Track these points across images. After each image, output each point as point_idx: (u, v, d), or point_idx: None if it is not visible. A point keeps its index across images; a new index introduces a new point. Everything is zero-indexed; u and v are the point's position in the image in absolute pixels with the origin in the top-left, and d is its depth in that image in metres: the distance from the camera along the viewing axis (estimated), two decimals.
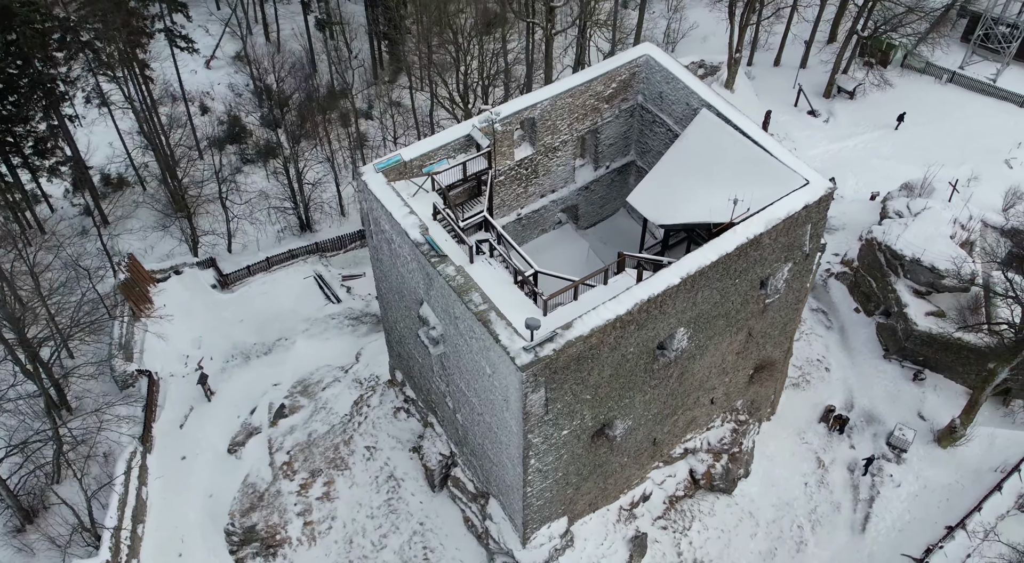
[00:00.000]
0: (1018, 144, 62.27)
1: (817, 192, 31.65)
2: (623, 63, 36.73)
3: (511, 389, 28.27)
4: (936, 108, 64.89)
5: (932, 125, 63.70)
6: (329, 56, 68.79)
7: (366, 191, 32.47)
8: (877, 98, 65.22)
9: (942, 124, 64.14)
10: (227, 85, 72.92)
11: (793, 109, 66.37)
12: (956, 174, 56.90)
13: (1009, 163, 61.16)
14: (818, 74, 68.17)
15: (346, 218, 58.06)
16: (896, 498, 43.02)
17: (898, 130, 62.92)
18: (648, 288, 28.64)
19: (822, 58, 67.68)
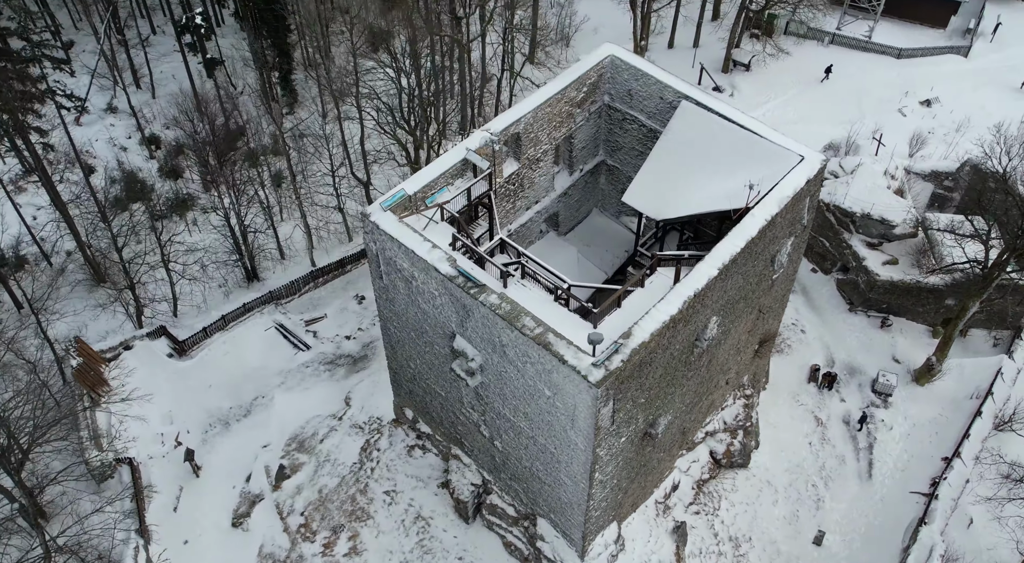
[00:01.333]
0: (905, 93, 66.73)
1: (815, 166, 32.92)
2: (591, 66, 36.92)
3: (579, 407, 28.00)
4: (821, 67, 68.54)
5: (825, 86, 67.41)
6: (220, 95, 65.99)
7: (376, 232, 31.33)
8: (772, 67, 68.26)
9: (833, 85, 67.97)
10: (106, 140, 68.54)
11: (698, 88, 68.51)
12: (860, 129, 60.62)
13: (902, 111, 65.46)
14: (712, 51, 70.71)
15: (289, 261, 55.81)
16: (891, 441, 45.42)
17: (824, 82, 66.42)
18: (692, 284, 29.00)
19: (719, 36, 70.18)
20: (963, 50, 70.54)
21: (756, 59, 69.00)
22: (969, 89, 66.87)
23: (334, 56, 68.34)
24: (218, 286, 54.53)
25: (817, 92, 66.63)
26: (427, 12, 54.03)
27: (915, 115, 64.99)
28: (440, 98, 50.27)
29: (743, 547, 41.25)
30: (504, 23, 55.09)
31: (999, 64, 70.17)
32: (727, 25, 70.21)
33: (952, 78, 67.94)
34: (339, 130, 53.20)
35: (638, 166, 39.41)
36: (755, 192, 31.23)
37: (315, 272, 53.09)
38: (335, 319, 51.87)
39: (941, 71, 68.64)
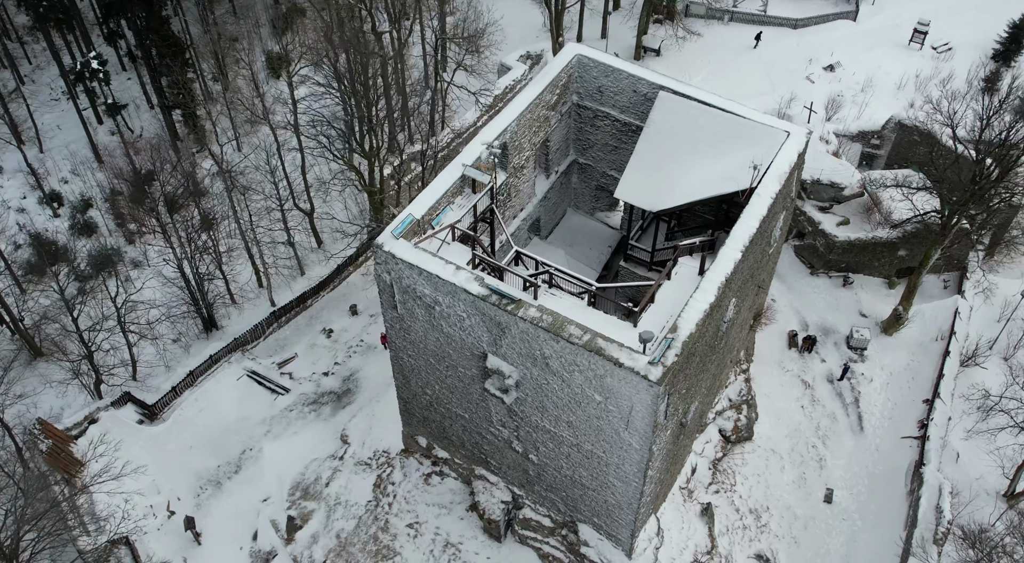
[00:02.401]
0: (809, 61, 69.77)
1: (801, 139, 33.94)
2: (562, 67, 36.88)
3: (637, 407, 27.96)
4: (730, 45, 70.93)
5: (733, 62, 69.56)
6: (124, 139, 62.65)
7: (391, 261, 30.34)
8: (683, 50, 69.93)
9: (739, 59, 70.25)
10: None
11: (671, 77, 69.48)
12: (774, 99, 63.08)
13: (810, 78, 68.43)
14: (620, 41, 71.91)
15: (243, 304, 53.46)
16: (874, 392, 47.44)
17: (756, 48, 69.08)
18: (722, 269, 29.40)
19: (630, 25, 71.40)
20: (851, 15, 74.30)
21: (665, 43, 70.61)
22: (864, 50, 70.52)
23: (239, 86, 65.85)
24: (172, 341, 51.71)
25: (729, 69, 68.65)
26: (352, 30, 52.66)
27: (822, 81, 68.05)
28: (389, 115, 49.10)
29: (763, 517, 42.22)
30: (433, 34, 54.42)
31: (884, 24, 74.31)
32: (633, 14, 71.52)
33: (847, 42, 71.45)
34: (279, 162, 51.15)
35: (612, 161, 39.84)
36: (757, 172, 31.88)
37: (277, 312, 51.02)
38: (307, 357, 50.05)
39: (836, 37, 72.07)
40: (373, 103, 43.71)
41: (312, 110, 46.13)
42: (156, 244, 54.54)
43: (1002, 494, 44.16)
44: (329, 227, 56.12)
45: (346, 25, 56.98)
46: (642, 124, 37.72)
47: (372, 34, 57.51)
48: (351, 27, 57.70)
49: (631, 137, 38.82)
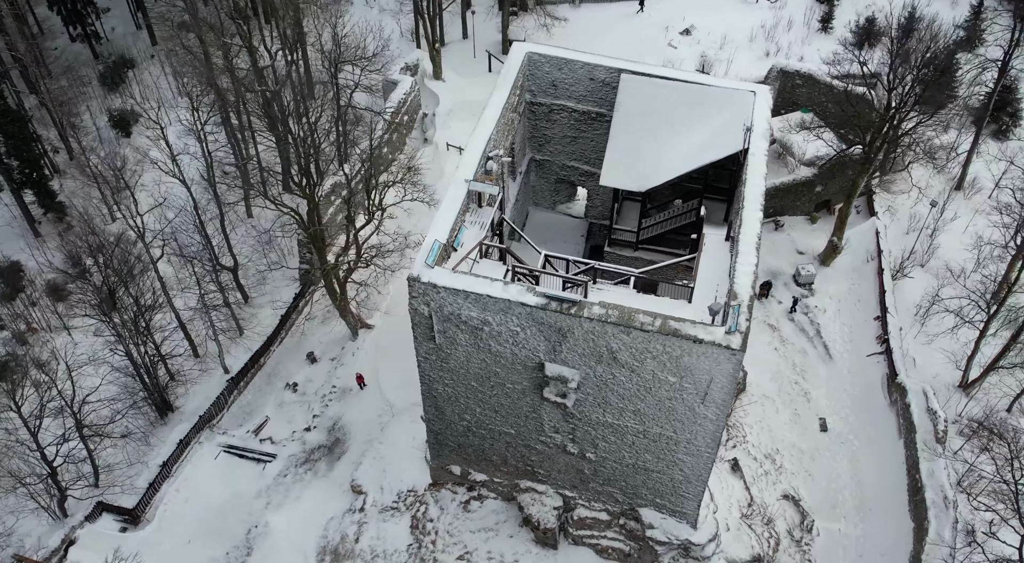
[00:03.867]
0: (666, 28, 72.80)
1: (769, 97, 35.56)
2: (518, 69, 36.70)
3: (717, 378, 28.52)
4: (589, 25, 72.66)
5: (599, 41, 71.26)
6: None
7: (431, 292, 29.23)
8: (549, 36, 70.88)
9: (604, 38, 72.13)
10: None
11: (490, 74, 69.83)
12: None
13: (672, 44, 71.43)
14: (484, 38, 72.06)
15: (187, 379, 49.66)
16: (829, 321, 50.64)
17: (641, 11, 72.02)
18: (752, 230, 30.38)
19: (494, 23, 71.64)
20: None
21: (530, 34, 71.44)
22: (712, 11, 74.25)
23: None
24: (121, 437, 47.22)
25: (597, 48, 70.08)
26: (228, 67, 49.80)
27: (683, 45, 71.20)
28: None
29: (777, 460, 44.19)
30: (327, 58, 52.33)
31: None
32: (494, 11, 71.95)
33: (694, 5, 74.97)
34: (198, 221, 47.72)
35: (572, 152, 40.22)
36: (749, 132, 33.15)
37: (235, 377, 47.77)
38: (280, 417, 47.26)
39: (684, 3, 75.44)
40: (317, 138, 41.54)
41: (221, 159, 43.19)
42: (79, 336, 49.67)
43: (957, 385, 48.46)
44: (256, 280, 53.16)
45: (216, 61, 53.93)
46: (602, 110, 38.34)
47: (253, 70, 54.73)
48: (226, 65, 54.74)
49: (590, 125, 39.29)
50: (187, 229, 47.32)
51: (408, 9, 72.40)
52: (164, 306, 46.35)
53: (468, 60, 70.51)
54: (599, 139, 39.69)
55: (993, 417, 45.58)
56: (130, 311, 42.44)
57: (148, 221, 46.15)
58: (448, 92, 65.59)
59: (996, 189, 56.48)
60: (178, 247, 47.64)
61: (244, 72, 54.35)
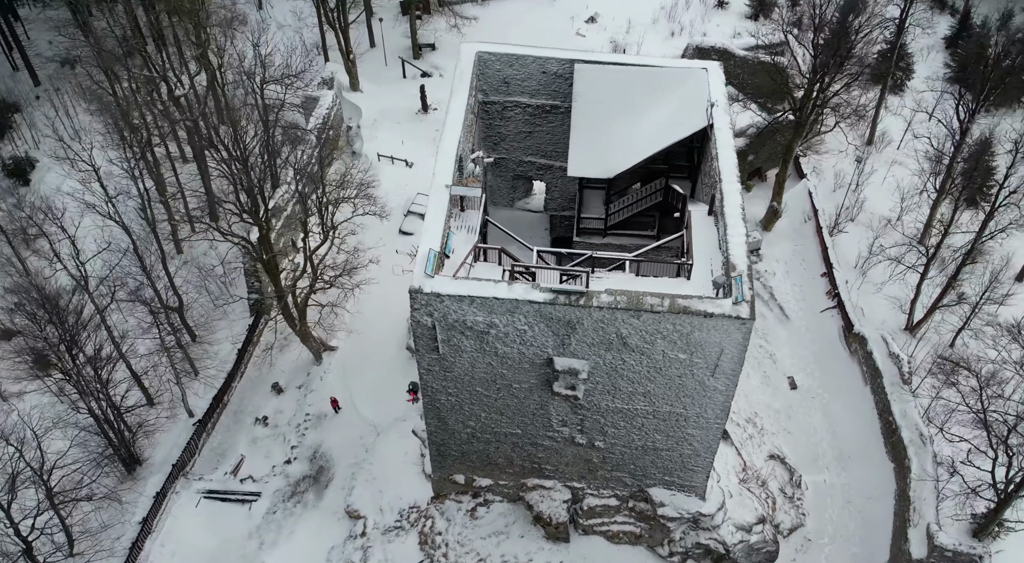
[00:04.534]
0: (571, 18, 73.68)
1: (718, 71, 36.50)
2: (471, 72, 36.49)
3: (727, 349, 29.15)
4: (498, 21, 72.78)
5: (511, 36, 71.30)
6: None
7: (435, 303, 28.79)
8: (463, 37, 70.63)
9: (514, 32, 72.12)
10: None
11: (405, 80, 69.17)
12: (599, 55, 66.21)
13: (580, 33, 72.35)
14: (393, 45, 71.32)
15: (156, 425, 47.35)
16: (780, 282, 52.53)
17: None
18: (735, 202, 31.15)
19: (401, 31, 70.96)
20: None
21: (439, 36, 71.16)
22: (612, 1, 75.62)
23: None
24: (89, 499, 44.61)
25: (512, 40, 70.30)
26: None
27: (591, 33, 72.30)
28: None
29: (757, 422, 45.51)
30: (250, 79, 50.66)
31: None
32: (400, 19, 71.33)
33: (612, 4, 76.01)
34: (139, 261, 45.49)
35: (528, 147, 40.37)
36: (713, 108, 33.93)
37: (201, 420, 45.86)
38: (255, 454, 45.71)
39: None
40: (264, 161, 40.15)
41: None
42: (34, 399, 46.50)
43: (903, 328, 51.07)
44: (202, 318, 51.10)
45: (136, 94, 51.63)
46: (556, 102, 38.56)
47: (170, 99, 52.56)
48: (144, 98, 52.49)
49: (545, 118, 39.44)
50: (132, 272, 45.02)
51: (311, 23, 70.95)
52: (117, 356, 43.93)
53: (381, 69, 69.67)
54: (554, 131, 39.90)
55: (941, 351, 48.29)
56: (89, 366, 40.08)
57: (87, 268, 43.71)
58: (368, 102, 64.65)
59: (911, 139, 59.59)
60: (129, 292, 45.31)
61: (161, 103, 52.10)
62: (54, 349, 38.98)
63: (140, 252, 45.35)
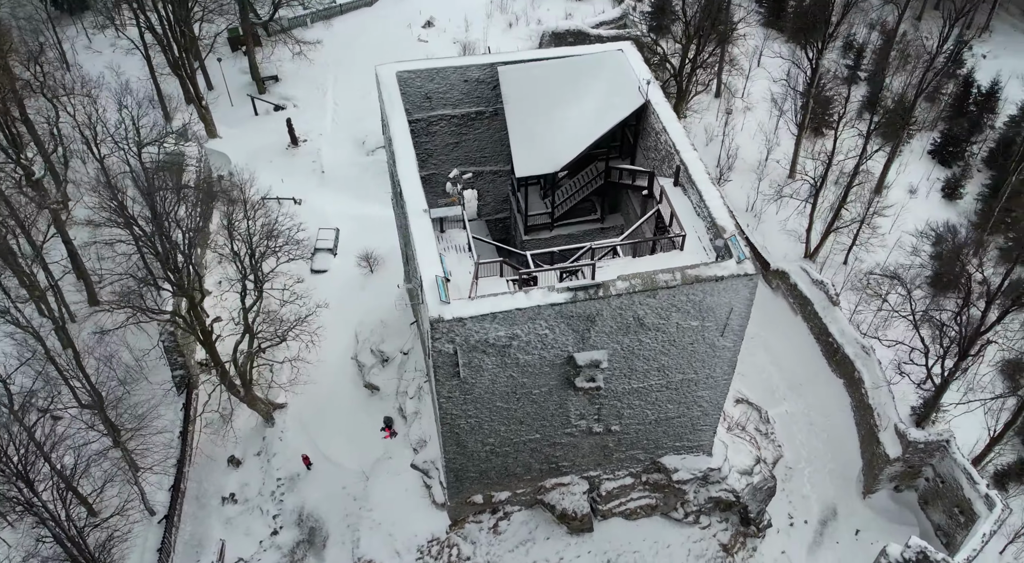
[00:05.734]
0: (408, 25, 73.28)
1: (633, 50, 37.81)
2: (398, 92, 35.81)
3: (736, 308, 30.58)
4: (342, 42, 71.07)
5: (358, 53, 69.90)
6: None
7: (457, 328, 28.26)
8: (310, 64, 68.38)
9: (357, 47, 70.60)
10: None
11: (259, 117, 66.43)
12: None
13: (422, 39, 72.10)
14: (234, 82, 68.22)
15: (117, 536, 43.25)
16: None
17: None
18: (699, 168, 32.58)
19: (239, 67, 67.89)
20: None
21: (281, 67, 68.80)
22: (444, 2, 75.83)
23: None
24: None
25: (357, 58, 68.79)
26: None
27: (432, 37, 72.24)
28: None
29: None
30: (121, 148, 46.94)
31: None
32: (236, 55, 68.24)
33: (423, 1, 75.92)
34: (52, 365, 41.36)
35: (456, 158, 40.27)
36: (649, 85, 35.12)
37: (167, 515, 42.47)
38: (234, 535, 43.09)
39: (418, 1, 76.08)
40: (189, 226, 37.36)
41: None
42: None
43: (803, 257, 55.22)
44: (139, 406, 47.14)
45: None
46: (480, 108, 38.58)
47: (29, 187, 47.89)
48: None
49: (471, 126, 39.36)
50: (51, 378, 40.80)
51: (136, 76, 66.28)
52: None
53: (229, 110, 66.48)
54: (481, 138, 39.89)
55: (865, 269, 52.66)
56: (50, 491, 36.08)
57: None
58: (232, 147, 61.61)
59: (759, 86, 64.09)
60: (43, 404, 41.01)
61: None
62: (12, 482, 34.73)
63: (52, 356, 41.22)
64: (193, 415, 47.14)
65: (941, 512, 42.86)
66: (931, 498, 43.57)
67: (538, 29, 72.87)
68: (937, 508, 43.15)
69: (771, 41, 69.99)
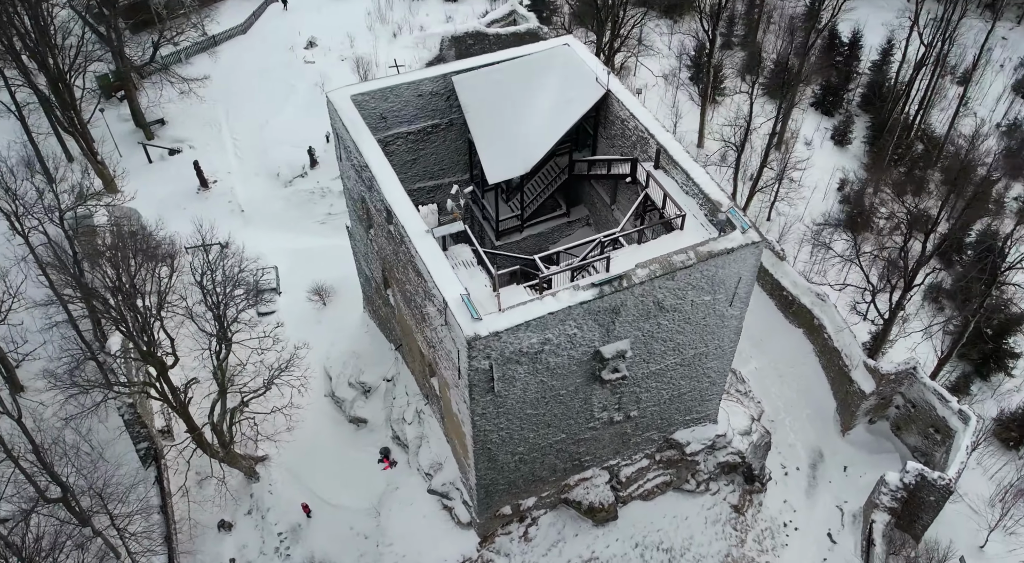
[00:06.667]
0: (290, 48, 71.13)
1: (578, 43, 38.24)
2: (358, 116, 34.86)
3: (744, 276, 31.63)
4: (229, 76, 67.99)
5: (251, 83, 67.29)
6: None
7: (493, 342, 27.92)
8: (199, 101, 65.23)
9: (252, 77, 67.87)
10: None
11: (154, 164, 62.92)
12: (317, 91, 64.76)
13: (307, 60, 70.08)
14: (119, 130, 64.32)
15: None
16: None
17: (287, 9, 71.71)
18: (676, 148, 33.34)
19: (119, 114, 64.07)
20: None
21: (168, 108, 65.43)
22: (317, 16, 74.28)
23: None
24: None
25: (254, 91, 66.29)
26: None
27: (318, 57, 70.41)
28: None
29: None
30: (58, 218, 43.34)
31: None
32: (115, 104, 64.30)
33: (300, 18, 73.91)
34: None
35: (416, 173, 39.84)
36: (609, 76, 35.60)
37: None
38: None
39: (290, 19, 73.93)
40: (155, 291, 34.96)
41: None
42: None
43: None
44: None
45: None
46: (436, 121, 38.14)
47: None
48: None
49: (427, 141, 38.85)
50: None
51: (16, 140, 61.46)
52: None
53: (119, 161, 62.45)
54: (438, 151, 39.42)
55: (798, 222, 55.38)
56: None
57: None
58: (137, 201, 57.86)
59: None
60: None
61: None
62: None
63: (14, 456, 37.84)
64: (168, 487, 44.36)
65: (916, 435, 45.81)
66: (903, 424, 46.47)
67: (422, 36, 72.50)
68: (911, 432, 46.08)
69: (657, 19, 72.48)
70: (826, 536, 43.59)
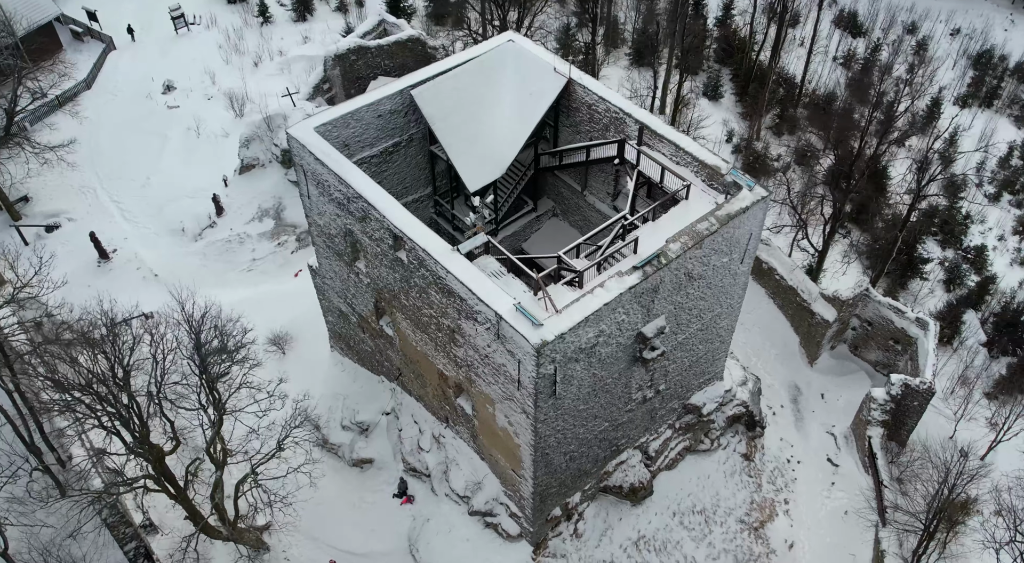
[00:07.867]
0: (147, 96, 66.58)
1: (522, 38, 37.98)
2: (331, 146, 33.18)
3: (753, 232, 32.66)
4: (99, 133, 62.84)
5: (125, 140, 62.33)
6: None
7: (558, 346, 27.50)
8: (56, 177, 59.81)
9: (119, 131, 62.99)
10: None
11: (31, 246, 57.21)
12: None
13: (170, 105, 65.73)
14: None
15: None
16: None
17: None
18: (662, 125, 33.92)
19: None
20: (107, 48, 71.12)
21: (25, 181, 59.51)
22: (162, 60, 69.86)
23: None
24: None
25: (125, 148, 61.59)
26: None
27: (180, 100, 66.30)
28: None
29: None
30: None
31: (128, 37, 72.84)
32: None
33: (147, 65, 69.21)
34: None
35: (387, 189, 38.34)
36: (571, 66, 35.61)
37: None
38: None
39: (139, 67, 68.94)
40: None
41: None
42: None
43: None
44: None
45: None
46: (397, 139, 37.00)
47: None
48: None
49: (389, 161, 37.61)
50: None
51: None
52: None
53: None
54: (400, 169, 38.16)
55: None
56: None
57: None
58: (33, 288, 52.37)
59: None
60: None
61: None
62: None
63: None
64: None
65: (876, 350, 49.11)
66: (861, 343, 49.68)
67: (285, 60, 69.85)
68: (871, 348, 49.34)
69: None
70: (827, 462, 45.96)
